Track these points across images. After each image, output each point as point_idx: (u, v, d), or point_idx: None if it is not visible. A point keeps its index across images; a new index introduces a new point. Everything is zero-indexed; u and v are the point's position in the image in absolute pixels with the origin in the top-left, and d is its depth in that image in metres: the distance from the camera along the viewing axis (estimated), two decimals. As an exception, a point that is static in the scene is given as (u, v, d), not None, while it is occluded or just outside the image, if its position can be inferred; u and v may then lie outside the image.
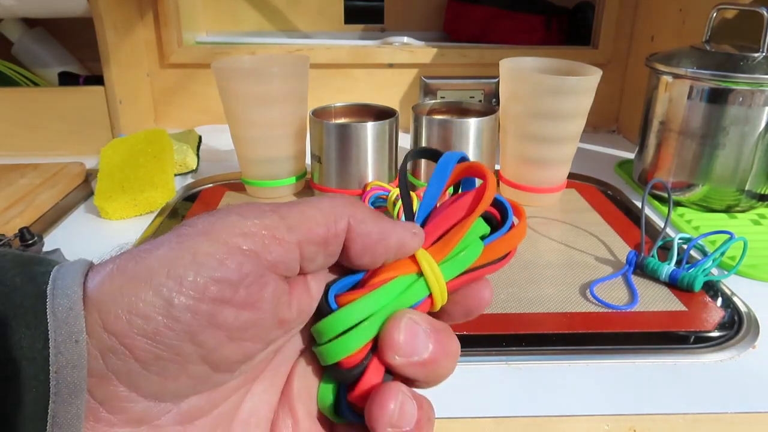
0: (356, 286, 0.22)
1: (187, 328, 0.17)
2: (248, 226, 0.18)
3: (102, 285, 0.17)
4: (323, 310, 0.21)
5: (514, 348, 0.45)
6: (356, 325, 0.20)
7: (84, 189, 0.75)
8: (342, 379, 0.21)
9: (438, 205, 0.24)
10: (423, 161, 0.69)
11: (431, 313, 0.22)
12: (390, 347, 0.20)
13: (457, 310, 0.23)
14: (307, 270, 0.21)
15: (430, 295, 0.22)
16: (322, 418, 0.22)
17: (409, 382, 0.21)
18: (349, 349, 0.20)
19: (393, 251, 0.21)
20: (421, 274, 0.21)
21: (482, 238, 0.23)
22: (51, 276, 0.17)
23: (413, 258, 0.22)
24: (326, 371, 0.22)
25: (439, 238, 0.22)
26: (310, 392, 0.22)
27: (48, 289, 0.17)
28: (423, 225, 0.23)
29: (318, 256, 0.20)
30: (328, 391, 0.22)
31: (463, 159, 0.23)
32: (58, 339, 0.16)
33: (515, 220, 0.23)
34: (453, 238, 0.22)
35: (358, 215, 0.20)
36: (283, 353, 0.22)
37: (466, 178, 0.24)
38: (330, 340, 0.20)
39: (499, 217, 0.24)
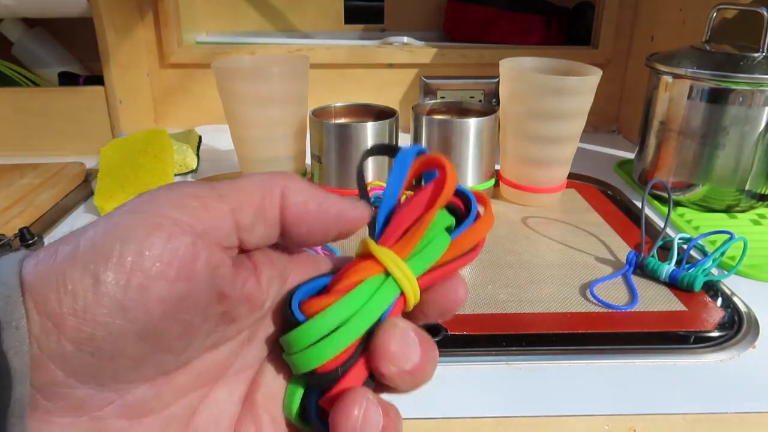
0: (321, 291, 0.21)
1: (117, 303, 0.17)
2: (178, 197, 0.18)
3: (35, 270, 0.17)
4: (289, 320, 0.20)
5: (514, 348, 0.46)
6: (329, 333, 0.20)
7: (84, 189, 0.75)
8: (317, 384, 0.20)
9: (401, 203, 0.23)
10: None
11: (405, 315, 0.22)
12: (385, 357, 0.20)
13: (432, 310, 0.22)
14: (249, 243, 0.20)
15: (402, 294, 0.21)
16: (287, 427, 0.22)
17: (389, 388, 0.21)
18: (323, 358, 0.20)
19: (333, 222, 0.21)
20: (388, 273, 0.21)
21: (448, 229, 0.22)
22: None
23: (375, 259, 0.21)
24: (296, 377, 0.21)
25: (403, 235, 0.21)
26: (275, 400, 0.22)
27: None
28: (385, 224, 0.22)
29: (257, 226, 0.20)
30: (296, 396, 0.21)
31: (421, 152, 0.23)
32: (1, 326, 0.16)
33: (480, 210, 0.23)
34: (416, 232, 0.21)
35: (292, 185, 0.20)
36: (244, 358, 0.22)
37: (428, 173, 0.23)
38: (302, 350, 0.20)
39: (463, 208, 0.23)
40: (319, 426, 0.21)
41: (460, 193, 0.23)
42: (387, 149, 0.24)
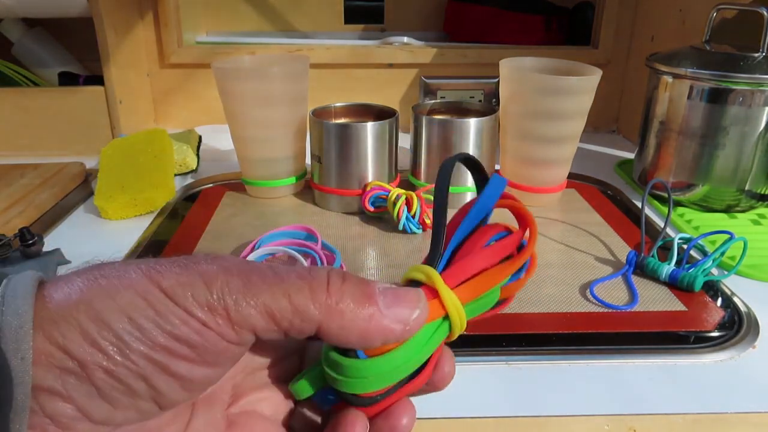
0: None
1: (142, 371, 0.18)
2: (209, 299, 0.19)
3: (68, 310, 0.18)
4: (347, 352, 0.20)
5: (514, 348, 0.45)
6: (385, 371, 0.20)
7: (84, 189, 0.75)
8: (351, 401, 0.21)
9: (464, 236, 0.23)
10: (423, 161, 0.69)
11: None
12: (444, 379, 0.23)
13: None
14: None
15: (450, 334, 0.22)
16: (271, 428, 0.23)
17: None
18: (368, 389, 0.21)
19: (371, 345, 0.20)
20: (446, 317, 0.21)
21: None
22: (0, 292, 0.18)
23: (440, 301, 0.21)
24: (318, 371, 0.22)
25: (469, 280, 0.22)
26: (258, 408, 0.23)
27: None
28: (452, 257, 0.22)
29: (279, 336, 0.20)
30: (310, 386, 0.22)
31: (503, 192, 0.22)
32: (7, 355, 0.17)
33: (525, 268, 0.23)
34: (484, 284, 0.21)
35: (335, 322, 0.19)
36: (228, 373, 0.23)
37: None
38: (351, 378, 0.20)
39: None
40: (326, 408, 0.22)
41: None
42: (474, 167, 0.23)
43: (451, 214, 0.22)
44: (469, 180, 0.68)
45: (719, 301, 0.51)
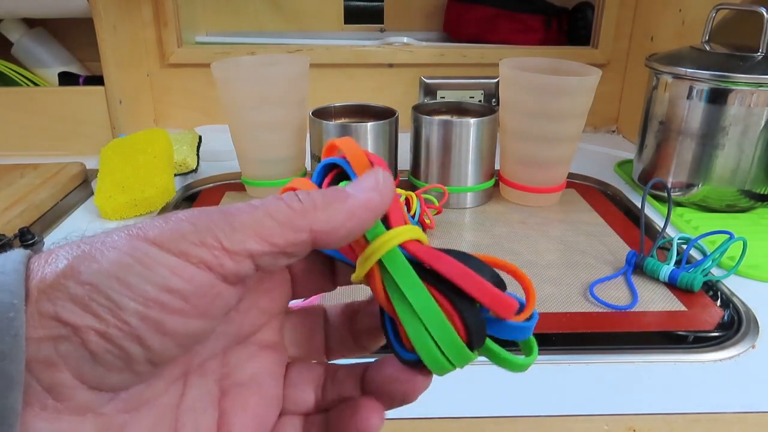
0: None
1: (135, 331, 0.18)
2: (199, 236, 0.19)
3: (54, 278, 0.18)
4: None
5: (513, 348, 0.45)
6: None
7: (84, 189, 0.75)
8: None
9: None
10: (423, 161, 0.69)
11: None
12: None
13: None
14: (272, 271, 0.21)
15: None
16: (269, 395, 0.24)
17: None
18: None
19: (363, 224, 0.21)
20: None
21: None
22: None
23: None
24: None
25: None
26: (248, 381, 0.23)
27: None
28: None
29: (279, 261, 0.20)
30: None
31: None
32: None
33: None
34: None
35: (320, 218, 0.20)
36: (207, 346, 0.23)
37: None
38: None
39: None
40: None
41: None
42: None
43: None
44: (470, 180, 0.68)
45: (719, 301, 0.51)
